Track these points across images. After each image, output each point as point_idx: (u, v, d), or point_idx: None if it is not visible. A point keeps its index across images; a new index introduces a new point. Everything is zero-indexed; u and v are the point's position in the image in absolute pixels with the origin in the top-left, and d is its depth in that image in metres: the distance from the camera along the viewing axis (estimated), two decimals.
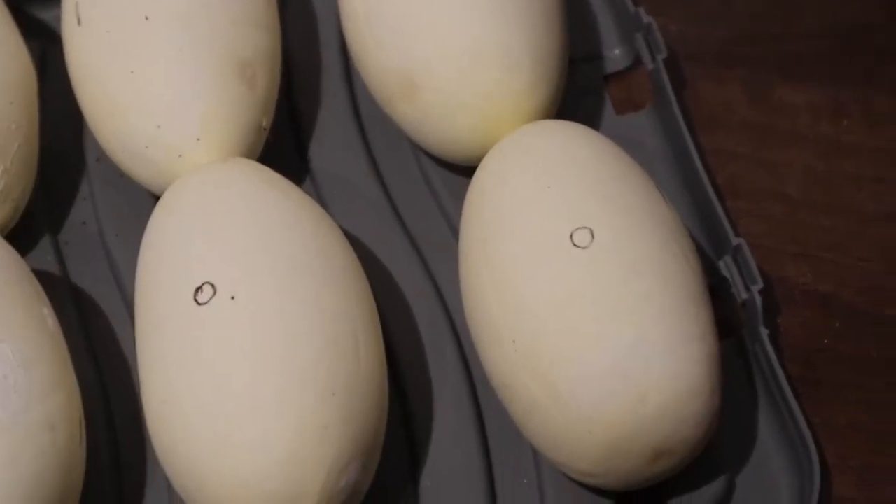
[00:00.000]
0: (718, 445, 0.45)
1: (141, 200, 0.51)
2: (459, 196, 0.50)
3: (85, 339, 0.48)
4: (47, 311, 0.45)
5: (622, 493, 0.45)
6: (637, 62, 0.54)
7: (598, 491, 0.45)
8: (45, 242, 0.51)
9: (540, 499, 0.45)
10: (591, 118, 0.53)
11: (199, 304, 0.42)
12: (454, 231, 0.50)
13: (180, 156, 0.47)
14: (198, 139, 0.47)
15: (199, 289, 0.42)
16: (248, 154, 0.48)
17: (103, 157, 0.51)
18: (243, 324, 0.41)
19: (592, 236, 0.43)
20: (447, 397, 0.46)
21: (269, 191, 0.45)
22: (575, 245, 0.42)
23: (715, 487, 0.45)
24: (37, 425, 0.41)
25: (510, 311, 0.43)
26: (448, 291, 0.49)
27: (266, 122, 0.49)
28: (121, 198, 0.51)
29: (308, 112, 0.53)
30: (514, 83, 0.47)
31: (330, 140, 0.52)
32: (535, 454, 0.46)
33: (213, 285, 0.42)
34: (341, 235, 0.45)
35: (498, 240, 0.44)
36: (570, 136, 0.46)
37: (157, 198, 0.50)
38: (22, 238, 0.49)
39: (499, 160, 0.46)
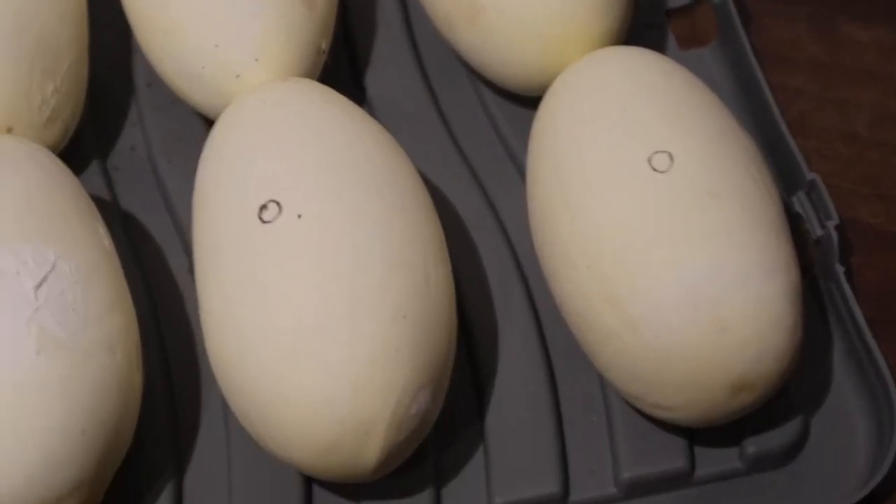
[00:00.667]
0: (793, 386, 0.43)
1: (193, 127, 0.49)
2: (519, 126, 0.49)
3: (136, 265, 0.47)
4: (102, 231, 0.43)
5: (695, 431, 0.43)
6: None
7: (671, 428, 0.43)
8: (93, 167, 0.49)
9: (609, 436, 0.44)
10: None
11: (263, 221, 0.40)
12: (514, 161, 0.49)
13: (238, 76, 0.45)
14: (256, 59, 0.45)
15: (263, 207, 0.40)
16: (307, 77, 0.46)
17: (154, 82, 0.49)
18: (311, 243, 0.40)
19: (671, 160, 0.41)
20: (513, 333, 0.45)
21: (334, 110, 0.43)
22: (654, 169, 0.41)
23: (790, 429, 0.43)
24: (96, 345, 0.40)
25: (585, 236, 0.41)
26: (511, 224, 0.47)
27: (325, 45, 0.47)
28: (172, 124, 0.50)
29: (363, 37, 0.51)
30: (584, 5, 0.46)
31: (386, 66, 0.51)
32: (605, 391, 0.44)
33: (278, 203, 0.40)
34: (408, 159, 0.43)
35: (572, 164, 0.42)
36: (643, 62, 0.45)
37: (209, 124, 0.48)
38: (70, 161, 0.47)
39: (571, 85, 0.44)
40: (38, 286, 0.40)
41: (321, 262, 0.39)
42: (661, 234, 0.40)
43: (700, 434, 0.43)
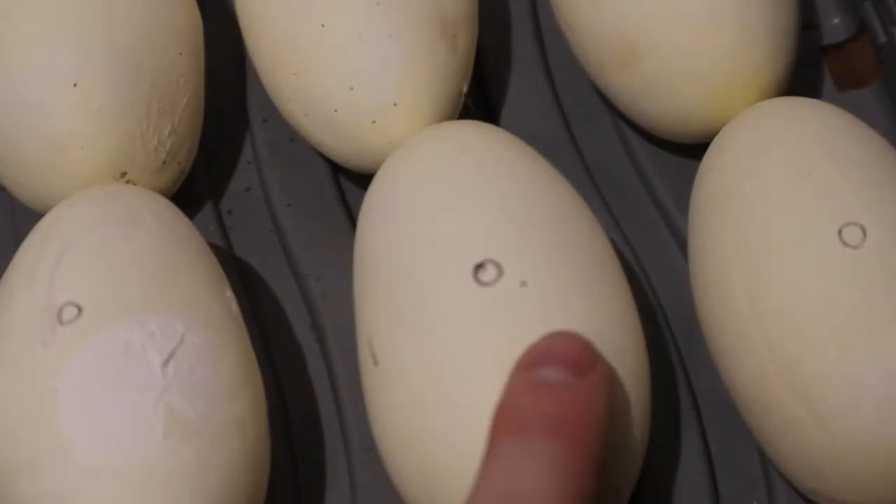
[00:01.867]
0: None
1: (313, 167, 0.46)
2: (668, 173, 0.45)
3: (254, 322, 0.43)
4: (229, 294, 0.39)
5: None
6: (859, 33, 0.48)
7: None
8: (206, 210, 0.45)
9: None
10: (811, 93, 0.47)
11: (481, 283, 0.36)
12: (662, 213, 0.45)
13: (374, 122, 0.42)
14: (395, 104, 0.41)
15: (479, 266, 0.36)
16: (444, 122, 0.43)
17: (271, 118, 0.46)
18: (534, 314, 0.36)
19: (864, 234, 0.37)
20: (670, 414, 0.41)
21: (525, 157, 0.40)
22: (844, 244, 0.37)
23: None
24: (227, 425, 0.36)
25: (767, 315, 0.37)
26: (659, 286, 0.43)
27: (465, 88, 0.43)
28: (290, 163, 0.46)
29: (497, 75, 0.47)
30: (751, 53, 0.42)
31: (522, 107, 0.47)
32: (767, 476, 0.40)
33: (497, 265, 0.36)
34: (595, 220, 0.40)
35: (751, 233, 0.38)
36: (821, 117, 0.41)
37: (332, 164, 0.45)
38: (182, 205, 0.43)
39: (742, 141, 0.41)
40: (166, 362, 0.36)
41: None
42: (857, 321, 0.36)
43: None
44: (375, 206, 0.40)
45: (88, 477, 0.35)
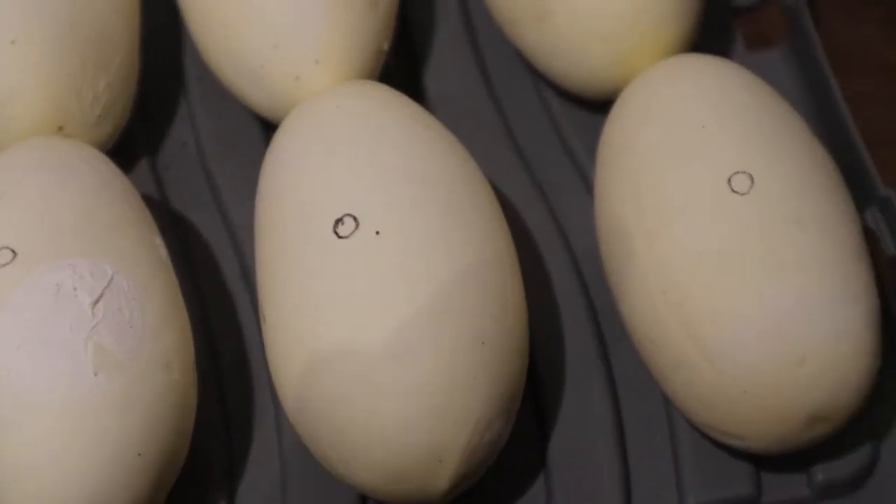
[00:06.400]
0: (863, 413, 0.42)
1: (246, 123, 0.48)
2: (583, 129, 0.47)
3: (186, 269, 0.45)
4: (159, 241, 0.42)
5: (762, 457, 0.42)
6: None
7: (737, 453, 0.42)
8: (142, 165, 0.47)
9: (674, 461, 0.42)
10: (720, 54, 0.49)
11: (339, 237, 0.39)
12: (577, 166, 0.47)
13: (297, 78, 0.44)
14: (316, 61, 0.44)
15: (339, 221, 0.39)
16: (366, 78, 0.45)
17: (206, 76, 0.48)
18: (389, 262, 0.38)
19: (752, 182, 0.40)
20: (576, 353, 0.44)
21: (408, 118, 0.41)
22: (733, 191, 0.40)
23: (859, 456, 0.42)
24: (153, 363, 0.38)
25: (661, 260, 0.40)
26: (575, 233, 0.46)
27: (387, 45, 0.46)
28: (224, 119, 0.48)
29: (421, 33, 0.50)
30: (658, 9, 0.44)
31: (445, 64, 0.49)
32: (670, 415, 0.43)
33: (354, 218, 0.39)
34: (481, 173, 0.42)
35: (647, 183, 0.41)
36: (720, 72, 0.43)
37: (263, 121, 0.47)
38: (118, 160, 0.45)
39: (644, 95, 0.43)
40: (95, 303, 0.38)
41: (400, 283, 0.38)
42: (743, 264, 0.38)
43: (767, 460, 0.42)
44: (267, 160, 0.42)
45: (23, 408, 0.37)
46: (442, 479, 0.38)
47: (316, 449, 0.39)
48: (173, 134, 0.48)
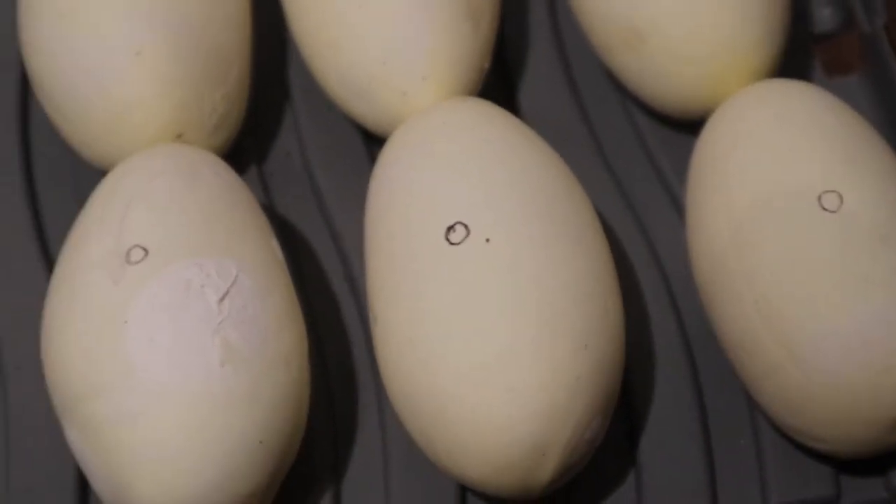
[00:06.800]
0: None
1: (349, 135, 0.50)
2: (670, 147, 0.50)
3: (293, 273, 0.47)
4: (275, 243, 0.44)
5: (843, 462, 0.44)
6: (848, 24, 0.53)
7: (819, 456, 0.44)
8: (251, 172, 0.50)
9: (758, 462, 0.44)
10: (801, 79, 0.51)
11: (451, 243, 0.41)
12: (664, 183, 0.49)
13: (404, 94, 0.46)
14: (423, 78, 0.46)
15: (451, 228, 0.41)
16: (469, 95, 0.47)
17: (312, 88, 0.50)
18: (500, 268, 0.40)
19: (841, 200, 0.42)
20: (663, 356, 0.46)
21: (513, 133, 0.44)
22: (823, 209, 0.42)
23: None
24: (275, 359, 0.41)
25: (753, 273, 0.42)
26: (662, 245, 0.48)
27: (487, 63, 0.48)
28: (328, 131, 0.50)
29: (515, 52, 0.52)
30: (747, 36, 0.46)
31: (538, 82, 0.51)
32: (753, 418, 0.45)
33: (465, 226, 0.41)
34: (579, 184, 0.44)
35: (739, 200, 0.43)
36: (806, 97, 0.45)
37: (366, 133, 0.49)
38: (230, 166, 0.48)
39: (734, 119, 0.45)
40: (222, 299, 0.41)
41: (510, 288, 0.40)
42: (832, 276, 0.41)
43: (847, 463, 0.44)
44: (377, 173, 0.45)
45: (153, 398, 0.39)
46: (545, 472, 0.40)
47: (425, 443, 0.42)
48: (278, 143, 0.51)
